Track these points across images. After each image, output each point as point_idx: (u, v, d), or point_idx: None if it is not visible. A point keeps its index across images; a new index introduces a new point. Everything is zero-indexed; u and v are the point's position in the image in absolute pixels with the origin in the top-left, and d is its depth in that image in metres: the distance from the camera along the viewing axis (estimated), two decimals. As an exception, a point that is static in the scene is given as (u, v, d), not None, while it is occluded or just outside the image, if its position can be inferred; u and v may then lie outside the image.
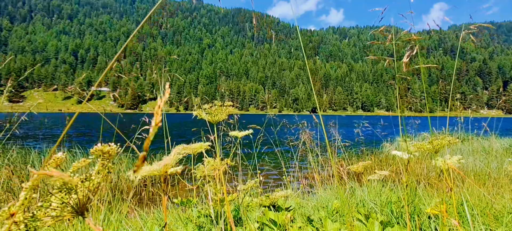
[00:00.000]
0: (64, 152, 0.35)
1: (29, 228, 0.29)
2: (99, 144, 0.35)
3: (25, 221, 0.29)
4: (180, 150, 0.50)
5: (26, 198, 0.29)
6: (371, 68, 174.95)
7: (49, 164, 0.33)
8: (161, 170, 0.41)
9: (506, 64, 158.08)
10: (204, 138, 3.52)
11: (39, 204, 0.31)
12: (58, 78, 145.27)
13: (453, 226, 1.56)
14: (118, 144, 0.37)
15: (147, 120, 3.14)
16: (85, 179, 0.34)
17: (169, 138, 1.94)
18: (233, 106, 1.05)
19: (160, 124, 0.23)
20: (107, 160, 0.36)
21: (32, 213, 0.30)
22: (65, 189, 0.32)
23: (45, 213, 0.31)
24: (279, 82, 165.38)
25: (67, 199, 0.33)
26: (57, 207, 0.32)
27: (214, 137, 1.07)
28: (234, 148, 1.44)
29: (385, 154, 6.89)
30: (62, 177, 0.27)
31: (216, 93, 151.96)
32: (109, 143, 0.36)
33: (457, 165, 0.92)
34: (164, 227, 1.83)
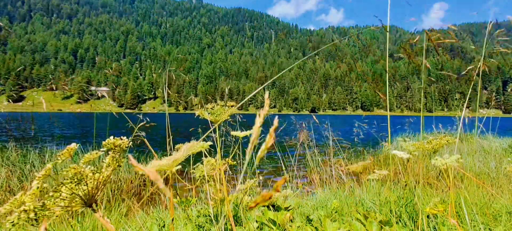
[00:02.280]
0: (76, 144, 0.36)
1: (39, 217, 0.30)
2: (111, 137, 0.36)
3: (35, 209, 0.30)
4: (189, 147, 0.51)
5: (37, 188, 0.30)
6: (371, 68, 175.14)
7: (62, 154, 0.34)
8: (170, 165, 0.42)
9: (506, 64, 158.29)
10: (205, 137, 3.53)
11: (50, 193, 0.32)
12: (58, 78, 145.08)
13: (452, 226, 1.57)
14: (130, 138, 0.37)
15: (142, 118, 3.15)
16: (96, 171, 0.34)
17: (171, 137, 1.95)
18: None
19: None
20: (118, 153, 0.37)
21: (42, 202, 0.31)
22: (75, 180, 0.33)
23: (55, 203, 0.32)
24: (279, 82, 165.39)
25: (76, 189, 0.33)
26: (67, 197, 0.33)
27: (216, 137, 1.08)
28: (236, 147, 1.44)
29: (384, 154, 6.90)
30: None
31: (216, 93, 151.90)
32: (121, 137, 0.37)
33: (455, 164, 0.93)
34: (163, 226, 1.84)
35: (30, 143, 5.95)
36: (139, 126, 2.73)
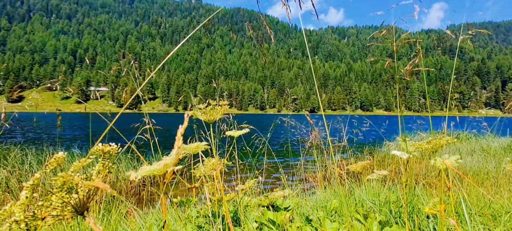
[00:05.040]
0: (63, 152, 0.35)
1: (30, 227, 0.29)
2: (99, 144, 0.35)
3: (26, 220, 0.29)
4: (180, 150, 0.50)
5: (26, 197, 0.29)
6: (370, 68, 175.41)
7: (50, 163, 0.33)
8: (161, 170, 0.41)
9: (505, 64, 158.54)
10: (202, 137, 3.53)
11: (40, 203, 0.31)
12: (57, 78, 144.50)
13: (451, 226, 1.56)
14: (119, 144, 0.37)
15: (146, 120, 3.11)
16: (86, 178, 0.34)
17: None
18: (231, 105, 1.06)
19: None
20: (108, 160, 0.36)
21: (33, 212, 0.30)
22: (65, 189, 0.32)
23: (46, 212, 0.31)
24: (278, 82, 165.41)
25: (67, 198, 0.33)
26: (58, 206, 0.32)
27: (211, 137, 1.07)
28: (231, 148, 1.44)
29: (384, 153, 6.90)
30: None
31: (215, 93, 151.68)
32: (110, 143, 0.36)
33: (455, 164, 0.92)
34: (163, 227, 1.84)
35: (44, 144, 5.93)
36: (142, 128, 2.71)
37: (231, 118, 3.16)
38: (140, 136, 2.78)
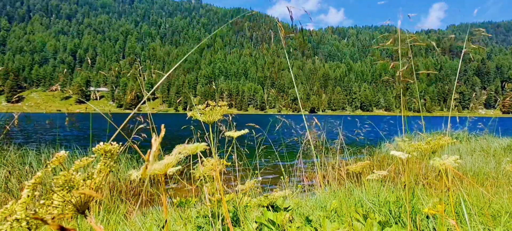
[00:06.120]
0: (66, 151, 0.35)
1: (31, 226, 0.30)
2: (101, 143, 0.36)
3: (27, 218, 0.30)
4: (181, 150, 0.50)
5: (28, 196, 0.29)
6: (370, 68, 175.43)
7: (51, 162, 0.33)
8: (162, 169, 0.41)
9: (504, 64, 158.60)
10: (201, 138, 3.52)
11: (41, 201, 0.31)
12: (57, 78, 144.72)
13: (451, 226, 1.57)
14: (120, 143, 0.37)
15: (142, 119, 3.09)
16: (87, 177, 0.34)
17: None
18: (231, 106, 1.06)
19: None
20: (109, 159, 0.36)
21: (34, 210, 0.31)
22: (67, 187, 0.32)
23: (47, 211, 0.31)
24: (278, 82, 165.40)
25: (68, 197, 0.33)
26: (59, 205, 0.32)
27: (210, 137, 1.07)
28: (230, 148, 1.44)
29: (383, 154, 6.90)
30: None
31: (215, 93, 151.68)
32: (111, 142, 0.37)
33: (454, 164, 0.92)
34: (163, 227, 1.84)
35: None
36: (138, 127, 2.71)
37: (231, 118, 3.16)
38: (137, 136, 2.79)
